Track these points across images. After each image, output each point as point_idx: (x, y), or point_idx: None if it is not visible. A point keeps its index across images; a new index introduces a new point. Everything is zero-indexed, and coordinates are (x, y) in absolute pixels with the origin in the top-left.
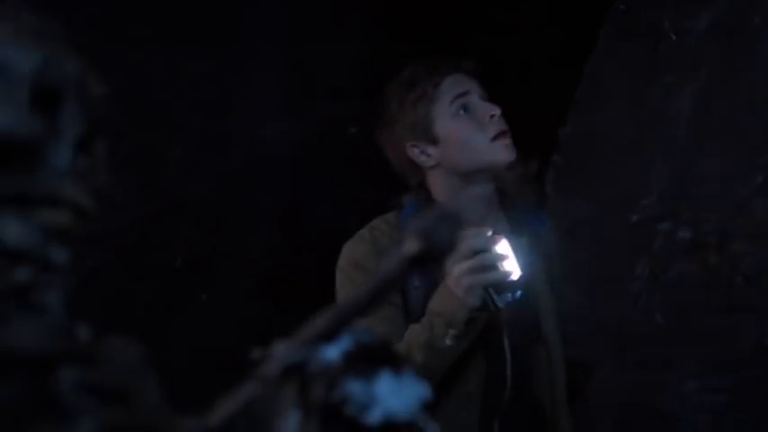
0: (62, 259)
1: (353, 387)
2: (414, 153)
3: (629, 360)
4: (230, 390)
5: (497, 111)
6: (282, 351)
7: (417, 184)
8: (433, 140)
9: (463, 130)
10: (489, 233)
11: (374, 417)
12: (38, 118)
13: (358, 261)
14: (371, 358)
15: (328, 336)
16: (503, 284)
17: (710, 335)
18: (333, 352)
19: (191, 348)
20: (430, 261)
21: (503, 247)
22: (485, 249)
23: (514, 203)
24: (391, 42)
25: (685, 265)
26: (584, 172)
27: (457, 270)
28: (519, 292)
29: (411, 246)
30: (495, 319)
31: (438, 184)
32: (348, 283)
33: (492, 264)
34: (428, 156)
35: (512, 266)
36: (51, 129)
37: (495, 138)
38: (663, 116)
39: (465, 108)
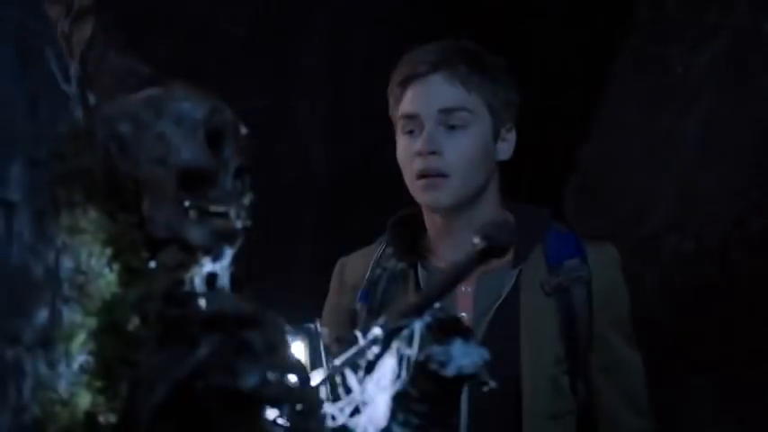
0: (230, 255)
1: (435, 349)
2: None
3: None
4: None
5: (424, 149)
6: (385, 323)
7: None
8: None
9: (400, 154)
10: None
11: (450, 371)
12: (210, 153)
13: (331, 284)
14: (447, 329)
15: (417, 312)
16: None
17: (711, 336)
18: (420, 324)
19: None
20: (492, 256)
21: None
22: None
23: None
24: None
25: (689, 275)
26: (599, 190)
27: None
28: None
29: (479, 245)
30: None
31: None
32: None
33: None
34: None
35: None
36: (220, 161)
37: (415, 178)
38: (670, 140)
39: (411, 131)
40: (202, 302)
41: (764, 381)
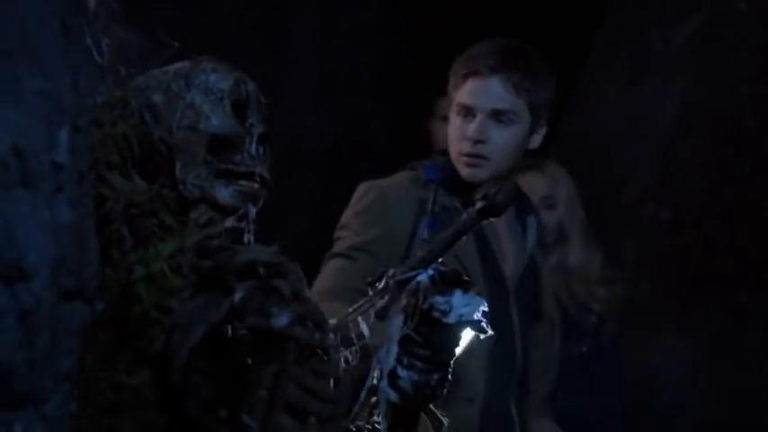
0: (253, 213)
1: (438, 299)
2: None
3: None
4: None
5: (473, 137)
6: (393, 274)
7: None
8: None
9: (451, 131)
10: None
11: (451, 318)
12: (237, 121)
13: (372, 207)
14: (449, 281)
15: (423, 265)
16: None
17: (685, 299)
18: (424, 276)
19: None
20: (490, 215)
21: None
22: None
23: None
24: (405, 48)
25: (666, 241)
26: (579, 161)
27: None
28: None
29: (479, 204)
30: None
31: None
32: (349, 232)
33: None
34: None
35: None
36: (245, 128)
37: (460, 155)
38: (648, 113)
39: (464, 114)
40: (237, 253)
41: (738, 343)
